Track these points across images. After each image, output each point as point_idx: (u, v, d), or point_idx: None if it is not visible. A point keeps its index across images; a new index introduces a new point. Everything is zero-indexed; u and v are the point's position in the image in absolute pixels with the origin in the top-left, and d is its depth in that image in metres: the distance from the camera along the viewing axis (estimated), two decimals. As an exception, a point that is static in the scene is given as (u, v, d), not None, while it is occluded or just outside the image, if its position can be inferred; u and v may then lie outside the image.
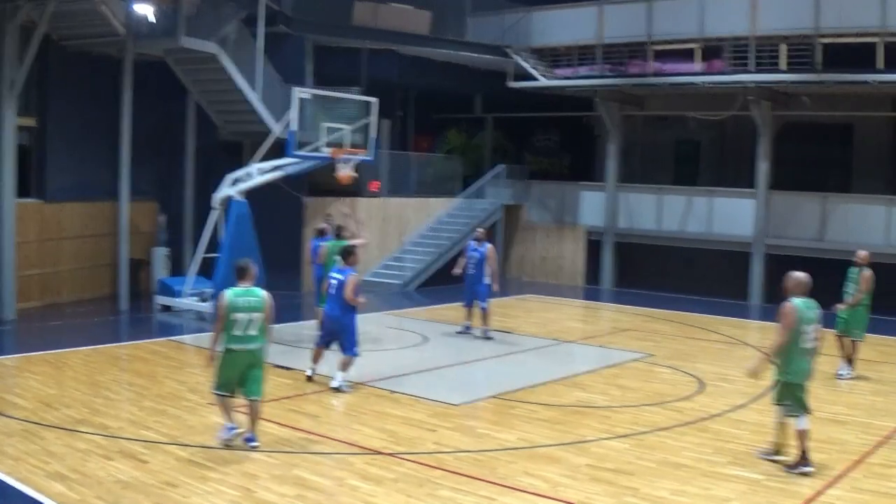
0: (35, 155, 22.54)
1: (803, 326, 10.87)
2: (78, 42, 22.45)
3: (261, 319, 11.20)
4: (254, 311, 11.17)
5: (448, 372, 16.45)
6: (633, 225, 29.46)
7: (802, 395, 10.96)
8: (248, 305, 11.17)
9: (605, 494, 9.91)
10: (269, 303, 11.34)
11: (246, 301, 11.20)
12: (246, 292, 11.31)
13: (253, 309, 11.18)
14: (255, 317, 11.16)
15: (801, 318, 10.87)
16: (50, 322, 20.38)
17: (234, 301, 11.17)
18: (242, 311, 11.13)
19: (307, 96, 20.88)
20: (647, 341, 19.77)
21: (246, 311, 11.14)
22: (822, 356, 11.52)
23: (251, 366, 11.24)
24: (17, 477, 9.84)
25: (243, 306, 11.15)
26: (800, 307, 10.92)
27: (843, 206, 25.59)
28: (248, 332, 11.13)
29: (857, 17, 23.10)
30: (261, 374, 11.35)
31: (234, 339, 11.12)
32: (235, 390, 11.33)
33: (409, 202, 29.20)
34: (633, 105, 30.04)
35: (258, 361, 11.30)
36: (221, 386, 11.31)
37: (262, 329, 11.22)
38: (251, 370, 11.24)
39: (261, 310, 11.22)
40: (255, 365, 11.27)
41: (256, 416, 11.38)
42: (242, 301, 11.19)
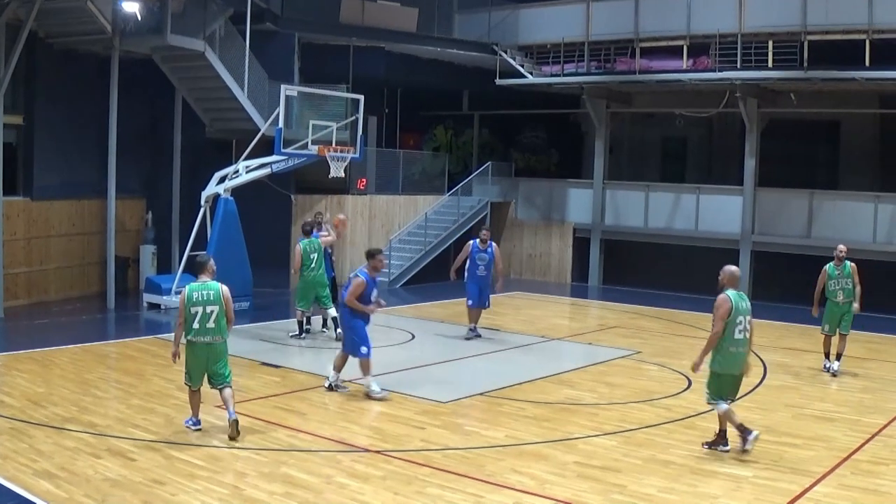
0: (22, 153, 22.45)
1: (738, 318, 11.38)
2: (65, 40, 22.38)
3: (218, 312, 11.60)
4: (210, 304, 11.57)
5: (435, 369, 16.46)
6: (620, 222, 29.50)
7: (728, 386, 11.57)
8: (204, 299, 11.58)
9: (593, 492, 9.93)
10: (226, 296, 11.71)
11: (201, 295, 11.62)
12: (202, 286, 11.72)
13: (209, 302, 11.58)
14: (212, 310, 11.57)
15: (735, 309, 11.36)
16: (37, 320, 20.33)
17: (191, 295, 11.61)
18: (199, 304, 11.56)
19: (294, 94, 20.92)
20: (634, 338, 19.82)
21: (203, 305, 11.56)
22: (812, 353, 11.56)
23: (215, 357, 11.71)
24: (5, 475, 9.81)
25: (200, 300, 11.58)
26: (733, 299, 11.40)
27: (830, 202, 25.67)
28: (207, 325, 11.56)
29: (845, 15, 23.15)
30: (226, 364, 11.84)
31: (193, 331, 11.59)
32: (202, 381, 11.83)
33: (397, 199, 29.20)
34: (620, 102, 30.08)
35: (221, 352, 11.77)
36: (192, 379, 11.80)
37: (220, 322, 11.63)
38: (216, 362, 11.72)
39: (216, 303, 11.60)
40: (218, 356, 11.74)
41: (231, 398, 11.79)
42: (198, 295, 11.61)
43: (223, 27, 23.55)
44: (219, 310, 11.60)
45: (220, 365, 11.77)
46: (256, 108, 23.87)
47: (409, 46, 28.66)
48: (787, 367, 16.96)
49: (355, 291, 13.67)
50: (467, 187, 30.65)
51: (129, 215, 25.07)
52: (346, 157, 21.02)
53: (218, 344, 11.69)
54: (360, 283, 13.68)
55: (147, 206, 25.72)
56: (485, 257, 19.01)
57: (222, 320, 11.65)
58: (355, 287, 13.69)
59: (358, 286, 13.66)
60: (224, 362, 11.82)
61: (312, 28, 27.00)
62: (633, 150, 33.35)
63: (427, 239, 28.45)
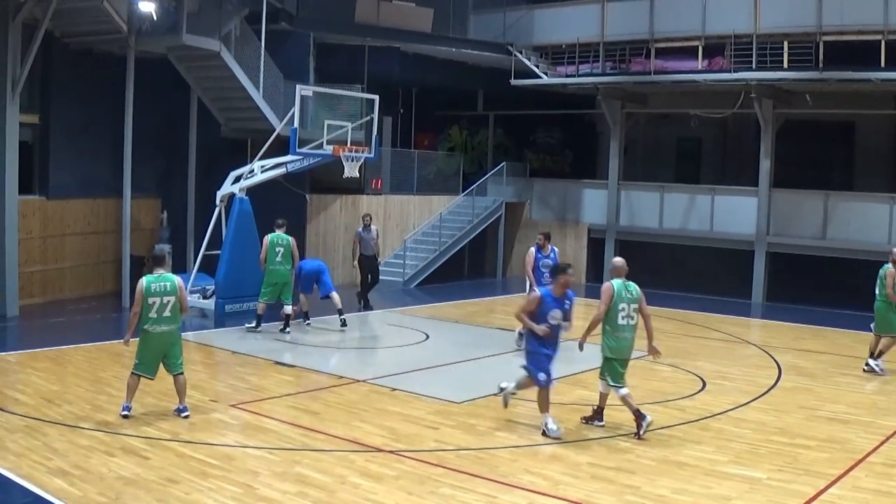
0: (38, 152, 22.54)
1: (620, 304, 12.36)
2: (81, 39, 22.47)
3: (174, 302, 12.23)
4: (167, 295, 12.20)
5: (450, 370, 16.46)
6: (635, 223, 29.45)
7: (621, 370, 12.44)
8: (161, 290, 12.19)
9: (606, 492, 9.92)
10: (181, 287, 12.39)
11: (159, 286, 12.22)
12: (159, 279, 12.31)
13: (166, 293, 12.20)
14: (168, 300, 12.18)
15: (618, 296, 12.36)
16: (52, 318, 20.40)
17: (149, 287, 12.19)
18: (157, 295, 12.16)
19: (309, 94, 20.93)
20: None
21: (161, 296, 12.16)
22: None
23: (170, 345, 12.42)
24: (20, 473, 9.86)
25: (157, 291, 12.17)
26: (616, 287, 12.43)
27: (845, 204, 25.58)
28: (163, 315, 12.18)
29: (860, 15, 23.08)
30: (180, 352, 12.59)
31: (151, 321, 12.17)
32: (156, 370, 12.45)
33: (411, 199, 29.22)
34: (635, 102, 30.01)
35: (175, 340, 12.52)
36: (140, 366, 12.37)
37: (175, 311, 12.29)
38: (171, 349, 12.43)
39: (172, 294, 12.23)
40: (173, 343, 12.46)
41: (183, 389, 12.54)
42: (156, 286, 12.20)
43: (238, 27, 23.61)
44: (174, 300, 12.21)
45: (175, 351, 12.47)
46: (271, 108, 23.91)
47: (424, 47, 28.66)
48: (800, 369, 16.90)
49: (527, 306, 12.58)
50: (482, 187, 30.63)
51: (145, 214, 25.14)
52: (360, 157, 21.03)
53: (173, 332, 12.38)
54: (535, 298, 12.59)
55: (162, 205, 25.79)
56: (549, 263, 17.76)
57: (177, 310, 12.29)
58: (529, 301, 12.71)
59: (532, 301, 12.57)
60: (178, 349, 12.54)
61: (327, 28, 27.02)
62: (648, 151, 33.26)
63: (442, 239, 28.45)
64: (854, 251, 24.78)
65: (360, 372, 15.71)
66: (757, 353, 18.58)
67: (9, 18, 19.36)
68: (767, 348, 19.02)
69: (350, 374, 15.41)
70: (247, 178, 21.07)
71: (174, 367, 12.46)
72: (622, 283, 12.53)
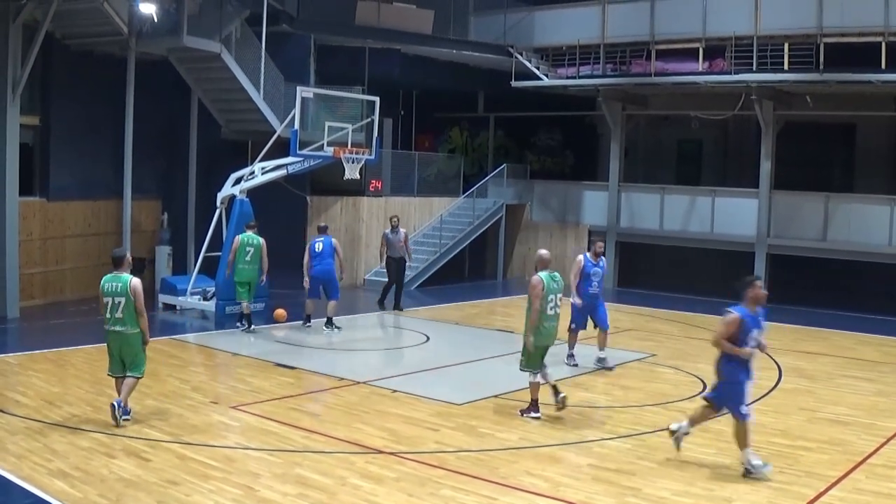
0: (38, 153, 22.55)
1: (549, 296, 12.82)
2: (81, 41, 22.48)
3: (126, 304, 11.91)
4: (118, 296, 11.93)
5: (450, 371, 16.46)
6: (635, 224, 29.44)
7: (540, 358, 13.03)
8: (113, 290, 11.97)
9: (607, 494, 9.92)
10: (134, 289, 11.96)
11: (111, 286, 12.01)
12: (113, 278, 12.08)
13: (117, 293, 11.94)
14: (119, 301, 11.93)
15: (547, 288, 12.78)
16: (53, 320, 20.40)
17: (103, 286, 12.08)
18: (108, 295, 12.00)
19: (310, 95, 20.93)
20: (649, 341, 19.79)
21: (111, 296, 11.97)
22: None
23: (127, 347, 12.11)
24: (20, 475, 9.86)
25: (109, 291, 12.00)
26: (545, 279, 12.82)
27: (845, 205, 25.56)
28: (116, 315, 11.97)
29: (860, 17, 23.06)
30: (139, 356, 12.23)
31: (105, 320, 12.10)
32: (119, 369, 12.23)
33: (412, 201, 29.21)
34: (635, 104, 30.02)
35: (131, 343, 12.12)
36: (109, 367, 12.38)
37: (130, 313, 11.95)
38: (128, 351, 12.13)
39: (122, 294, 11.91)
40: (130, 346, 12.12)
41: (128, 389, 12.18)
42: (109, 286, 12.03)
43: (239, 29, 23.64)
44: (125, 301, 11.89)
45: (131, 355, 12.14)
46: (272, 110, 23.94)
47: (424, 48, 28.68)
48: (801, 371, 16.90)
49: (725, 330, 10.81)
50: (482, 189, 30.63)
51: (145, 216, 25.15)
52: (361, 158, 21.04)
53: (127, 334, 12.04)
54: (733, 319, 10.76)
55: (162, 206, 25.79)
56: (598, 272, 16.94)
57: (130, 311, 11.94)
58: (727, 325, 10.79)
59: (731, 323, 10.77)
60: (135, 353, 12.18)
61: (328, 30, 27.06)
62: (649, 153, 33.27)
63: (442, 241, 28.44)
64: (854, 253, 24.78)
65: (360, 374, 15.70)
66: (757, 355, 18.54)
67: (9, 20, 19.37)
68: (768, 350, 18.97)
69: (350, 376, 15.40)
70: (247, 179, 21.08)
71: (132, 370, 12.24)
72: (549, 274, 12.94)
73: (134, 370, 12.22)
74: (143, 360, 12.38)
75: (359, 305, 24.75)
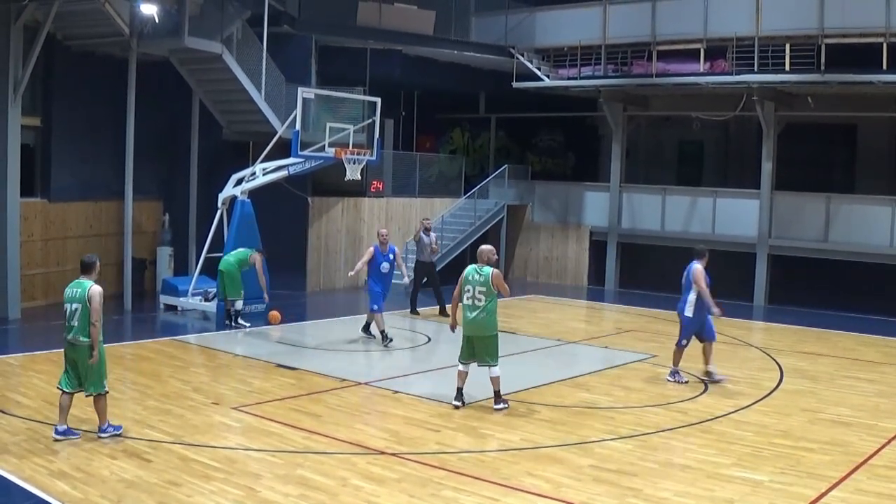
0: (39, 154, 22.56)
1: (466, 286, 13.53)
2: (82, 42, 22.48)
3: (81, 311, 11.15)
4: (74, 302, 11.23)
5: (451, 372, 16.39)
6: (636, 225, 29.44)
7: (464, 347, 13.76)
8: (71, 296, 11.30)
9: (608, 495, 9.91)
10: (91, 296, 11.16)
11: (71, 292, 11.35)
12: (75, 284, 11.42)
13: (73, 300, 11.26)
14: (75, 308, 11.19)
15: (465, 279, 13.56)
16: (54, 321, 20.28)
17: (65, 292, 11.42)
18: (67, 301, 11.32)
19: (311, 96, 20.94)
20: (650, 342, 19.77)
21: (69, 302, 11.28)
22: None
23: (80, 359, 11.23)
24: (22, 476, 9.87)
25: (68, 297, 11.34)
26: (467, 270, 13.65)
27: (847, 206, 25.56)
28: (72, 323, 11.20)
29: (861, 18, 23.04)
30: (94, 370, 11.25)
31: (63, 328, 11.37)
32: (70, 384, 11.35)
33: (413, 202, 29.20)
34: (636, 105, 30.03)
35: (81, 357, 11.23)
36: (59, 379, 11.55)
37: (83, 321, 11.15)
38: (82, 365, 11.24)
39: (80, 301, 11.18)
40: (82, 358, 11.22)
41: (100, 410, 11.43)
42: (69, 292, 11.37)
43: (240, 30, 23.63)
44: (81, 308, 11.16)
45: (83, 368, 11.27)
46: (273, 111, 23.94)
47: (425, 49, 28.69)
48: (803, 372, 16.89)
49: None
50: (484, 190, 30.64)
51: (146, 217, 25.16)
52: (362, 159, 21.04)
53: (79, 345, 11.23)
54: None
55: (164, 207, 25.80)
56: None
57: (84, 320, 11.15)
58: None
59: None
60: (89, 368, 11.27)
61: (329, 31, 27.07)
62: (650, 154, 33.29)
63: (444, 242, 28.41)
64: (856, 254, 24.77)
65: (361, 374, 15.71)
66: (759, 356, 18.57)
67: (10, 21, 19.39)
68: (769, 351, 19.01)
69: (352, 377, 15.40)
70: (248, 180, 21.10)
71: (87, 388, 11.34)
72: (475, 267, 13.59)
73: (90, 387, 11.31)
74: (101, 374, 11.37)
75: (360, 306, 24.75)
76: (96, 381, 11.32)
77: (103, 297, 11.38)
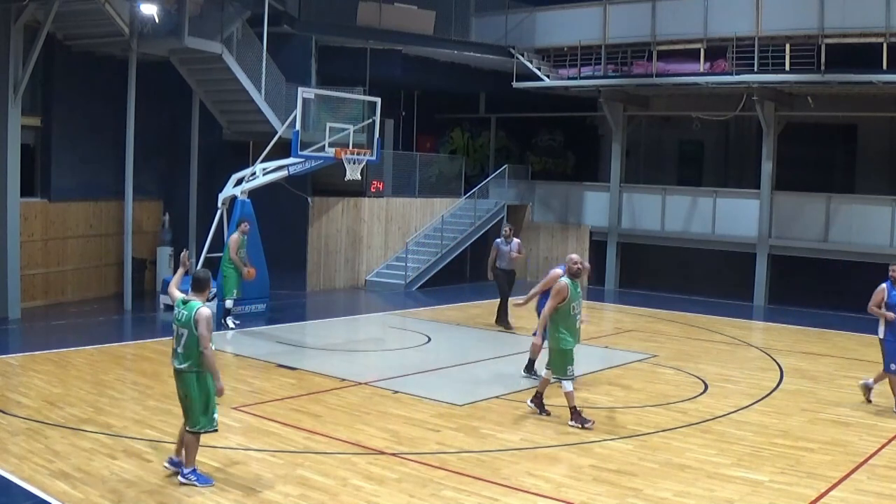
0: (40, 154, 22.56)
1: (573, 303, 13.03)
2: (82, 42, 22.48)
3: (188, 337, 9.83)
4: (181, 326, 9.88)
5: (451, 372, 16.45)
6: (636, 225, 29.44)
7: None
8: (178, 318, 9.93)
9: (608, 495, 9.91)
10: (198, 321, 9.75)
11: (178, 312, 9.93)
12: (183, 303, 9.93)
13: (181, 323, 9.89)
14: (181, 332, 9.87)
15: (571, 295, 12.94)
16: (54, 321, 20.41)
17: (174, 310, 10.01)
18: (175, 322, 9.99)
19: (311, 96, 20.93)
20: (650, 342, 19.77)
21: (176, 324, 9.92)
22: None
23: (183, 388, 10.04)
24: (22, 475, 9.86)
25: (176, 318, 9.97)
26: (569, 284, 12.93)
27: (847, 206, 25.55)
28: (178, 349, 9.93)
29: (862, 18, 23.04)
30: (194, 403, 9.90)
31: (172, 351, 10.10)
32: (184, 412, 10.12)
33: (413, 202, 29.20)
34: (637, 105, 30.03)
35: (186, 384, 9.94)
36: None
37: (190, 348, 9.86)
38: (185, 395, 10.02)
39: (186, 325, 9.81)
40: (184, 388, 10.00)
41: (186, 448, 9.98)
42: (176, 312, 9.99)
43: (240, 30, 23.64)
44: (188, 334, 9.81)
45: (186, 398, 9.97)
46: (273, 111, 23.95)
47: (426, 49, 28.70)
48: (803, 372, 16.89)
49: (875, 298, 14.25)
50: (484, 190, 30.64)
51: (147, 217, 25.16)
52: (362, 159, 21.03)
53: (184, 373, 9.92)
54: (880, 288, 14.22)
55: (164, 207, 25.80)
56: None
57: (192, 348, 9.82)
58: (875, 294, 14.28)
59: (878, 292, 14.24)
60: (190, 399, 9.94)
61: (329, 31, 27.09)
62: (650, 153, 33.30)
63: (444, 242, 28.43)
64: (856, 254, 24.76)
65: (361, 375, 15.71)
66: (759, 356, 18.57)
67: (11, 21, 19.40)
68: (769, 351, 19.00)
69: (352, 377, 15.40)
70: (248, 180, 21.10)
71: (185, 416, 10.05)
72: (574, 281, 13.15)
73: (188, 421, 9.93)
74: (201, 409, 9.88)
75: (360, 306, 24.79)
76: (194, 415, 9.88)
77: (211, 322, 9.92)
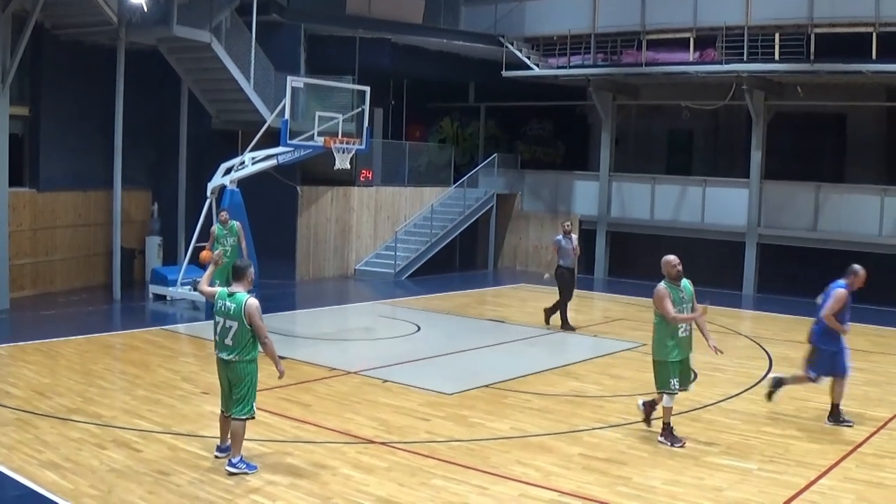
0: (28, 144, 22.48)
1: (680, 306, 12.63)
2: (71, 31, 22.38)
3: (239, 330, 9.92)
4: (229, 319, 9.93)
5: (441, 361, 16.46)
6: (626, 214, 29.46)
7: None
8: (224, 311, 9.95)
9: (598, 484, 9.93)
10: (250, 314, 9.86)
11: (223, 305, 9.95)
12: (226, 295, 9.96)
13: (228, 315, 9.93)
14: (230, 325, 9.95)
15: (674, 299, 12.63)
16: (43, 311, 20.35)
17: (216, 303, 10.09)
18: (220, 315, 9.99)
19: (300, 85, 20.89)
20: (639, 331, 19.73)
21: (222, 317, 9.97)
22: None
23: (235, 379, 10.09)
24: (11, 466, 9.84)
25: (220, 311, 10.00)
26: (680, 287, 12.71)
27: (836, 195, 25.60)
28: (226, 342, 9.97)
29: (851, 7, 23.07)
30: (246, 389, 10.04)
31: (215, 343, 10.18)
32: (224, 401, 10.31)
33: (402, 191, 29.17)
34: (626, 94, 30.04)
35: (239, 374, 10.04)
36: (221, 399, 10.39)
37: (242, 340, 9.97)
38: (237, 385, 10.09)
39: (235, 318, 9.86)
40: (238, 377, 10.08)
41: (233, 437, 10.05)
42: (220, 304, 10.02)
43: (229, 18, 23.56)
44: (238, 327, 9.89)
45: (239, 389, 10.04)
46: (262, 100, 23.88)
47: (415, 38, 28.65)
48: (791, 360, 16.89)
49: (835, 306, 12.34)
50: (473, 179, 30.63)
51: (135, 206, 25.10)
52: (352, 148, 21.00)
53: (238, 363, 10.00)
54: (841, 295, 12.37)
55: (153, 197, 25.74)
56: None
57: (244, 340, 9.96)
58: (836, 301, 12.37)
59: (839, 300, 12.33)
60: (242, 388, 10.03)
61: (318, 19, 27.02)
62: (640, 143, 33.30)
63: (433, 231, 28.43)
64: (845, 242, 24.79)
65: (351, 364, 15.70)
66: (748, 345, 18.61)
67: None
68: (758, 339, 19.05)
69: (341, 366, 15.40)
70: (237, 169, 21.06)
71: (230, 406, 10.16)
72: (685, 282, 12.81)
73: (234, 406, 10.00)
74: (252, 396, 10.04)
75: (350, 296, 24.79)
76: (249, 403, 10.00)
77: (260, 310, 9.98)
